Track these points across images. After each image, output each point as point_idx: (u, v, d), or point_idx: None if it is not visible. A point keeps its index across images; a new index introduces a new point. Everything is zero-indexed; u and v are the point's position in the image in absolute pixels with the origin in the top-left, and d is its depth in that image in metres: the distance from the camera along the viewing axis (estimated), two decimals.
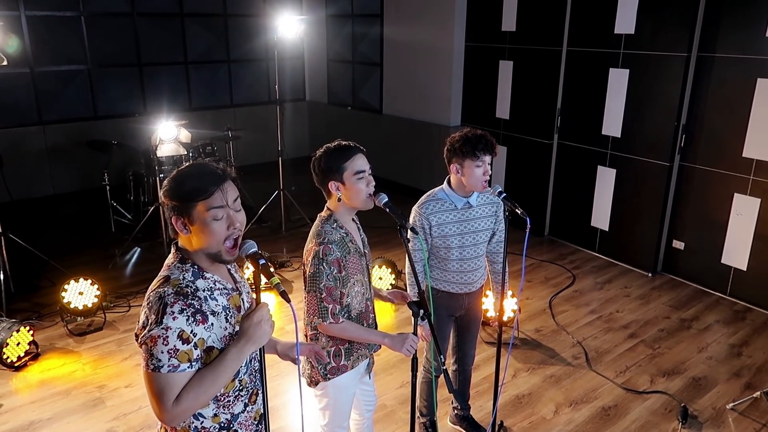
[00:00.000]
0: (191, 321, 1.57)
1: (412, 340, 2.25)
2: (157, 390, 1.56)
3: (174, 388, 1.56)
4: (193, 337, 1.57)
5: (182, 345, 1.56)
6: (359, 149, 2.25)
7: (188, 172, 1.68)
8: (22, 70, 6.70)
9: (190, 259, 1.68)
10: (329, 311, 2.20)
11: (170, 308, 1.56)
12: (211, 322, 1.62)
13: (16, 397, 3.61)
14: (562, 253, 5.92)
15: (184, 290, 1.61)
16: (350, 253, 2.26)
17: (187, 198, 1.63)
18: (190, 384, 1.58)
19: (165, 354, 1.54)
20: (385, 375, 3.81)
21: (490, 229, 2.88)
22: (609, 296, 5.02)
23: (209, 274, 1.69)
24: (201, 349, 1.60)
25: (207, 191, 1.62)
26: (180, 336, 1.55)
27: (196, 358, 1.59)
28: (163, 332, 1.54)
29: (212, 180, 1.64)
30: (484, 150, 2.65)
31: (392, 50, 7.52)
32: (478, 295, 3.04)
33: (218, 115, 7.99)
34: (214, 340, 1.63)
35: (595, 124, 5.63)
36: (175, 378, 1.56)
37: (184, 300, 1.58)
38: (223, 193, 1.64)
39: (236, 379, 1.74)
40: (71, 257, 5.45)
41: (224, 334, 1.66)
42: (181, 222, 1.65)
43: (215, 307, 1.66)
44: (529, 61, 6.07)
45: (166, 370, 1.54)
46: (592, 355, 4.11)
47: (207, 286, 1.67)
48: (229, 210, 1.66)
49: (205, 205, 1.62)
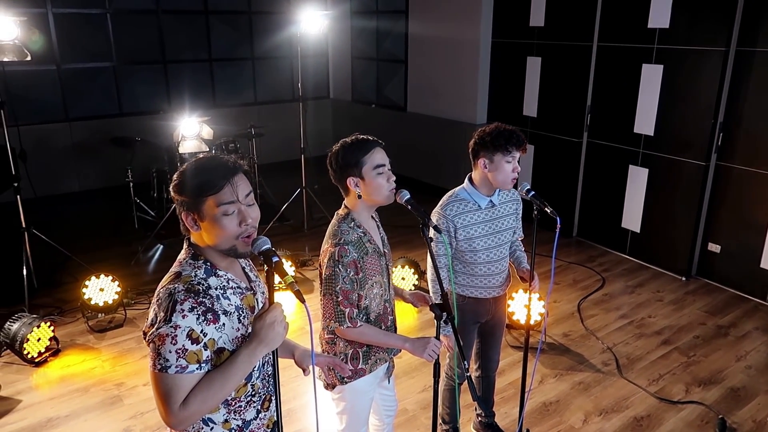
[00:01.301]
0: (201, 320, 1.50)
1: (434, 345, 2.14)
2: (164, 391, 1.49)
3: (181, 390, 1.49)
4: (203, 337, 1.50)
5: (191, 345, 1.48)
6: (378, 143, 2.15)
7: (197, 165, 1.60)
8: (48, 67, 6.75)
9: (202, 256, 1.61)
10: (346, 315, 2.10)
11: (180, 306, 1.48)
12: (223, 322, 1.55)
13: (36, 393, 3.60)
14: (591, 255, 5.73)
15: (196, 288, 1.53)
16: (368, 254, 2.15)
17: (195, 193, 1.55)
18: (198, 386, 1.51)
19: (173, 354, 1.47)
20: (407, 378, 3.70)
21: (513, 227, 2.76)
22: (640, 300, 4.83)
23: (222, 272, 1.61)
24: (211, 350, 1.53)
25: (216, 186, 1.54)
26: (189, 335, 1.48)
27: (205, 359, 1.51)
28: (171, 331, 1.47)
29: (222, 174, 1.56)
30: (516, 145, 2.52)
31: (417, 47, 7.41)
32: (504, 299, 2.91)
33: (242, 112, 7.96)
34: (225, 341, 1.55)
35: (627, 122, 5.44)
36: (183, 379, 1.48)
37: (195, 298, 1.51)
38: (234, 188, 1.56)
39: (248, 384, 1.66)
40: (94, 253, 5.45)
41: (236, 335, 1.58)
42: (191, 218, 1.58)
43: (227, 306, 1.58)
44: (558, 57, 5.90)
45: (173, 370, 1.47)
46: (623, 362, 3.94)
47: (219, 285, 1.59)
48: (240, 205, 1.58)
49: (214, 200, 1.54)
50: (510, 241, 2.76)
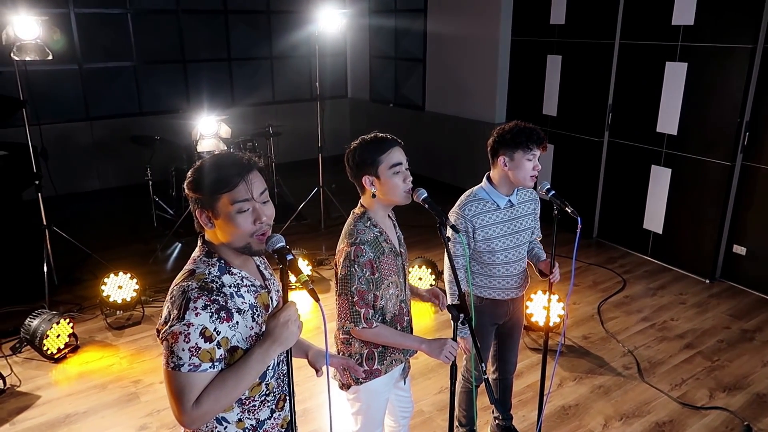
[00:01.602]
0: (215, 318, 1.48)
1: (451, 346, 2.10)
2: (177, 390, 1.47)
3: (194, 389, 1.47)
4: (217, 336, 1.49)
5: (204, 343, 1.47)
6: (396, 141, 2.12)
7: (212, 163, 1.59)
8: (70, 66, 6.83)
9: (216, 254, 1.60)
10: (361, 315, 2.07)
11: (193, 304, 1.47)
12: (237, 320, 1.53)
13: (55, 389, 3.63)
14: (612, 257, 5.63)
15: (209, 285, 1.52)
16: (384, 254, 2.12)
17: (210, 190, 1.54)
18: (211, 385, 1.49)
19: (186, 352, 1.45)
20: (424, 379, 3.66)
21: (532, 227, 2.71)
22: (662, 303, 4.73)
23: (236, 270, 1.60)
24: (225, 348, 1.51)
25: (230, 183, 1.53)
26: (202, 333, 1.46)
27: (219, 357, 1.50)
28: (184, 329, 1.45)
29: (236, 171, 1.55)
30: (536, 142, 2.48)
31: (435, 46, 7.36)
32: (522, 300, 2.87)
33: (260, 111, 7.98)
34: (238, 340, 1.54)
35: (650, 121, 5.33)
36: (196, 378, 1.47)
37: (209, 296, 1.49)
38: (248, 185, 1.54)
39: (263, 383, 1.64)
40: (114, 251, 5.50)
41: (250, 334, 1.56)
42: (205, 215, 1.57)
43: (241, 304, 1.56)
44: (579, 55, 5.81)
45: (186, 369, 1.46)
46: (645, 366, 3.86)
47: (233, 282, 1.58)
48: (255, 203, 1.56)
49: (229, 197, 1.53)
50: (528, 241, 2.71)
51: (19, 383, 3.65)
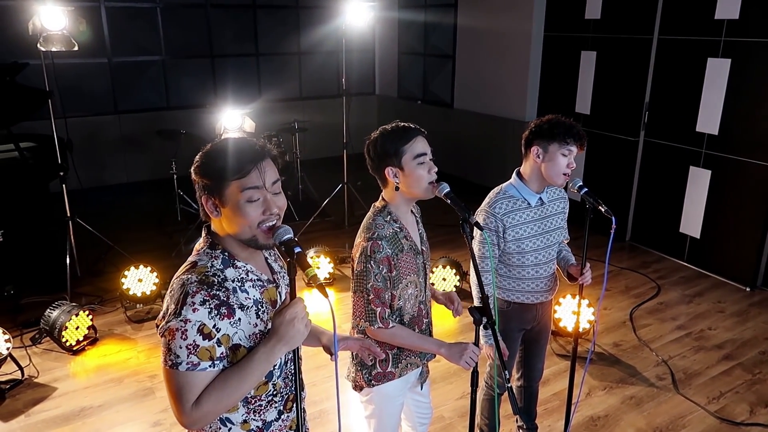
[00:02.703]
0: (214, 314, 1.38)
1: (472, 352, 1.96)
2: (176, 389, 1.39)
3: (194, 388, 1.38)
4: (216, 333, 1.39)
5: (203, 341, 1.37)
6: (420, 131, 2.00)
7: (222, 147, 1.49)
8: (100, 60, 6.87)
9: (220, 245, 1.50)
10: (377, 315, 1.96)
11: (191, 298, 1.38)
12: (239, 317, 1.43)
13: (71, 381, 3.60)
14: (646, 261, 5.41)
15: (210, 279, 1.42)
16: (403, 251, 2.00)
17: (219, 176, 1.44)
18: (212, 385, 1.40)
19: (183, 350, 1.37)
20: (445, 384, 3.53)
21: (562, 227, 2.54)
22: (699, 311, 4.50)
23: (241, 263, 1.50)
24: (226, 346, 1.41)
25: (242, 169, 1.43)
26: (200, 330, 1.37)
27: (219, 356, 1.40)
28: (181, 325, 1.36)
29: (249, 157, 1.45)
30: (575, 138, 2.33)
31: (465, 41, 7.20)
32: (551, 305, 2.71)
33: (287, 107, 7.93)
34: (240, 338, 1.44)
35: (689, 121, 5.09)
36: (195, 377, 1.38)
37: (208, 290, 1.40)
38: (261, 173, 1.44)
39: (269, 382, 1.54)
40: (137, 244, 5.49)
41: (253, 332, 1.46)
42: (211, 203, 1.47)
43: (245, 300, 1.46)
44: (614, 51, 5.59)
45: (184, 367, 1.37)
46: (680, 377, 3.65)
47: (237, 276, 1.48)
48: (266, 192, 1.46)
49: (239, 184, 1.43)
50: (559, 242, 2.56)
51: (37, 374, 3.63)
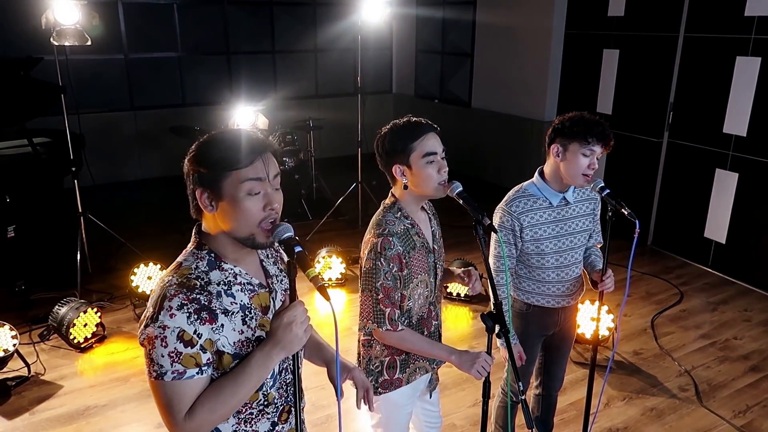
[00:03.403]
0: (194, 319, 1.29)
1: (485, 360, 1.85)
2: (165, 401, 1.30)
3: (184, 398, 1.29)
4: (198, 339, 1.29)
5: (185, 348, 1.28)
6: (431, 127, 1.89)
7: (222, 138, 1.39)
8: (117, 56, 6.87)
9: (207, 245, 1.40)
10: (386, 316, 1.85)
11: (168, 302, 1.28)
12: (221, 322, 1.34)
13: (78, 380, 3.55)
14: (668, 266, 5.23)
15: (191, 282, 1.33)
16: (415, 248, 1.90)
17: (218, 165, 1.33)
18: (205, 394, 1.31)
19: (166, 358, 1.27)
20: (457, 390, 3.41)
21: (589, 230, 2.41)
22: (724, 319, 4.33)
23: (228, 265, 1.40)
24: (211, 351, 1.32)
25: (245, 159, 1.33)
26: (180, 337, 1.28)
27: (206, 362, 1.31)
28: (159, 332, 1.27)
29: (252, 147, 1.35)
30: (598, 137, 2.18)
31: (484, 39, 7.06)
32: (574, 310, 2.57)
33: (302, 104, 7.86)
34: (224, 344, 1.34)
35: (716, 122, 4.91)
36: (183, 386, 1.29)
37: (187, 293, 1.30)
38: (265, 164, 1.35)
39: (260, 392, 1.44)
40: (149, 241, 5.44)
41: (239, 339, 1.36)
42: (206, 196, 1.36)
43: (230, 305, 1.36)
44: (638, 49, 5.42)
45: (170, 377, 1.28)
46: (704, 388, 3.50)
47: (223, 279, 1.38)
48: (268, 186, 1.36)
49: (239, 176, 1.33)
50: (584, 245, 2.42)
51: (44, 371, 3.59)
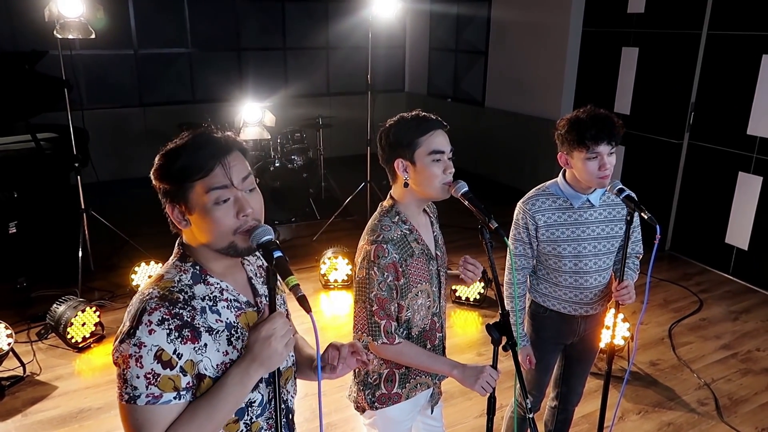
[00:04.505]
0: (175, 337, 1.16)
1: (490, 375, 1.71)
2: (135, 427, 1.17)
3: (156, 426, 1.17)
4: (178, 360, 1.17)
5: (163, 369, 1.15)
6: (441, 124, 1.77)
7: (182, 144, 1.26)
8: (126, 51, 6.81)
9: (192, 257, 1.28)
10: (381, 329, 1.72)
11: (148, 317, 1.16)
12: (205, 341, 1.21)
13: (74, 381, 3.46)
14: (687, 273, 5.04)
15: (174, 296, 1.20)
16: (414, 256, 1.76)
17: (179, 178, 1.22)
18: (180, 420, 1.18)
19: (141, 380, 1.15)
20: (464, 400, 3.27)
21: (618, 236, 2.23)
22: (747, 329, 4.14)
23: (215, 279, 1.28)
24: (191, 374, 1.19)
25: (204, 167, 1.21)
26: (158, 357, 1.15)
27: (186, 386, 1.18)
28: (135, 350, 1.14)
29: (211, 152, 1.22)
30: (596, 138, 2.02)
31: (499, 36, 6.90)
32: (598, 321, 2.39)
33: (312, 102, 7.75)
34: (206, 367, 1.21)
35: (739, 123, 4.71)
36: (158, 412, 1.16)
37: (169, 308, 1.18)
38: (226, 169, 1.22)
39: (240, 421, 1.30)
40: (154, 239, 5.32)
41: (223, 361, 1.23)
42: (177, 211, 1.25)
43: (215, 322, 1.24)
44: (658, 47, 5.23)
45: (144, 401, 1.15)
46: (725, 403, 3.32)
47: (209, 294, 1.26)
48: (237, 191, 1.23)
49: (203, 185, 1.21)
50: (611, 252, 2.25)
51: (39, 371, 3.51)
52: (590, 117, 2.04)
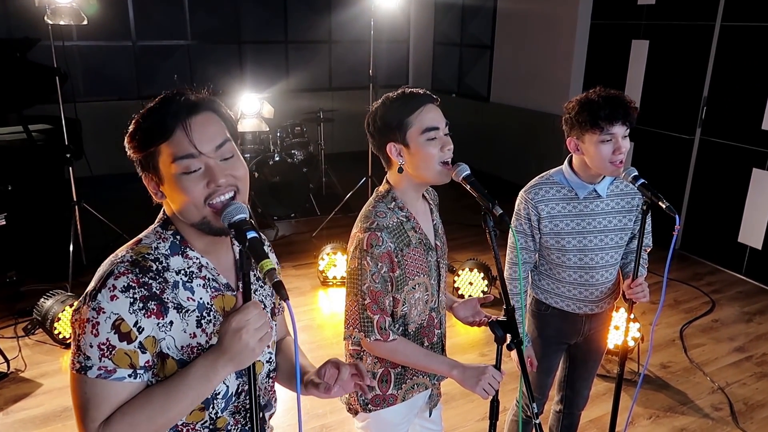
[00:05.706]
0: (138, 308, 1.04)
1: (492, 377, 1.56)
2: (82, 401, 1.05)
3: (104, 402, 1.04)
4: (138, 334, 1.04)
5: (119, 341, 1.03)
6: (430, 98, 1.61)
7: (150, 106, 1.13)
8: (125, 43, 6.68)
9: (174, 226, 1.16)
10: (374, 324, 1.57)
11: (113, 280, 1.04)
12: (171, 319, 1.08)
13: (58, 378, 3.33)
14: (698, 272, 4.87)
15: (147, 263, 1.09)
16: (410, 245, 1.62)
17: (142, 142, 1.11)
18: (130, 403, 1.06)
19: (95, 349, 1.03)
20: (465, 402, 3.12)
21: (627, 229, 2.08)
22: (761, 331, 3.97)
23: (195, 253, 1.15)
24: (152, 352, 1.06)
25: (163, 128, 1.08)
26: (116, 327, 1.03)
27: (144, 364, 1.06)
28: (93, 315, 1.03)
29: (172, 110, 1.09)
30: (610, 118, 1.88)
31: (505, 29, 6.75)
32: (604, 320, 2.24)
33: (314, 96, 7.61)
34: (169, 346, 1.08)
35: (754, 118, 4.55)
36: (108, 388, 1.04)
37: (139, 275, 1.06)
38: (188, 131, 1.08)
39: (205, 410, 1.17)
40: None
41: (188, 343, 1.10)
42: (153, 182, 1.15)
43: (186, 300, 1.11)
44: (670, 39, 5.07)
45: (94, 373, 1.03)
46: (739, 408, 3.16)
47: (185, 268, 1.13)
48: (207, 159, 1.10)
49: (169, 153, 1.09)
50: (619, 246, 2.10)
51: (24, 368, 3.38)
52: (602, 97, 1.90)
